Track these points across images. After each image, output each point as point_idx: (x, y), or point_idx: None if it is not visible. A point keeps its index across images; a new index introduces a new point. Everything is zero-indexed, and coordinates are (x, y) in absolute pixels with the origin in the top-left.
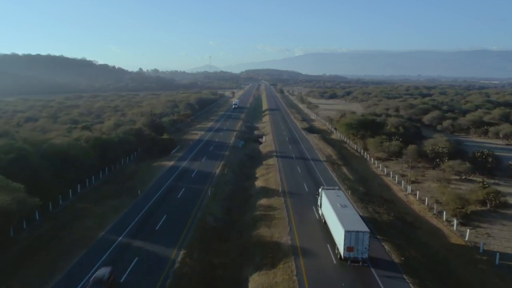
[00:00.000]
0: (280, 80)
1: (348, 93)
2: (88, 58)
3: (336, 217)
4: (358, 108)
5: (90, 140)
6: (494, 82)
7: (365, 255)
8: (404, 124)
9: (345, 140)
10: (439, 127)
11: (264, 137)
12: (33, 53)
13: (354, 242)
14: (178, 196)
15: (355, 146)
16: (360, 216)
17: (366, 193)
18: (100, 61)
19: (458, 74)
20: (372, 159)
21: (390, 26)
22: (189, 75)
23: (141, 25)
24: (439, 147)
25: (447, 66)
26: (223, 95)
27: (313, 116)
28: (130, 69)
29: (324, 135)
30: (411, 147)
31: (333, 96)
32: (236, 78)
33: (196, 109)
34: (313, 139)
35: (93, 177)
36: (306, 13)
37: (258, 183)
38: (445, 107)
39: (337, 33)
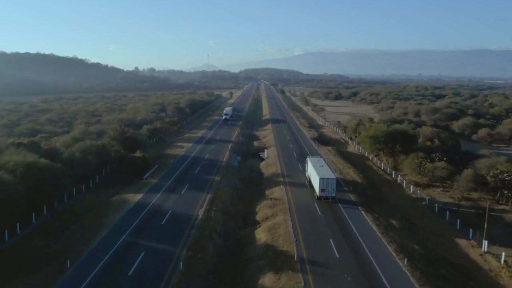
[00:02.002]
0: (280, 80)
1: (355, 94)
2: (80, 57)
3: (315, 171)
4: (368, 111)
5: (18, 168)
6: (498, 82)
7: (333, 194)
8: (440, 135)
9: (366, 155)
10: (474, 136)
11: (265, 151)
12: (29, 52)
13: (326, 185)
14: (130, 273)
15: (381, 164)
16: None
17: (425, 256)
18: (99, 60)
19: (459, 74)
20: (411, 186)
21: (390, 26)
22: (187, 75)
23: (141, 25)
24: (504, 172)
25: (447, 65)
26: (220, 96)
27: (320, 121)
28: (127, 69)
29: (339, 148)
30: (468, 173)
31: (338, 97)
32: (235, 78)
33: (186, 113)
34: (328, 155)
35: (18, 225)
36: (305, 12)
37: (260, 236)
38: (470, 111)
39: (336, 33)
